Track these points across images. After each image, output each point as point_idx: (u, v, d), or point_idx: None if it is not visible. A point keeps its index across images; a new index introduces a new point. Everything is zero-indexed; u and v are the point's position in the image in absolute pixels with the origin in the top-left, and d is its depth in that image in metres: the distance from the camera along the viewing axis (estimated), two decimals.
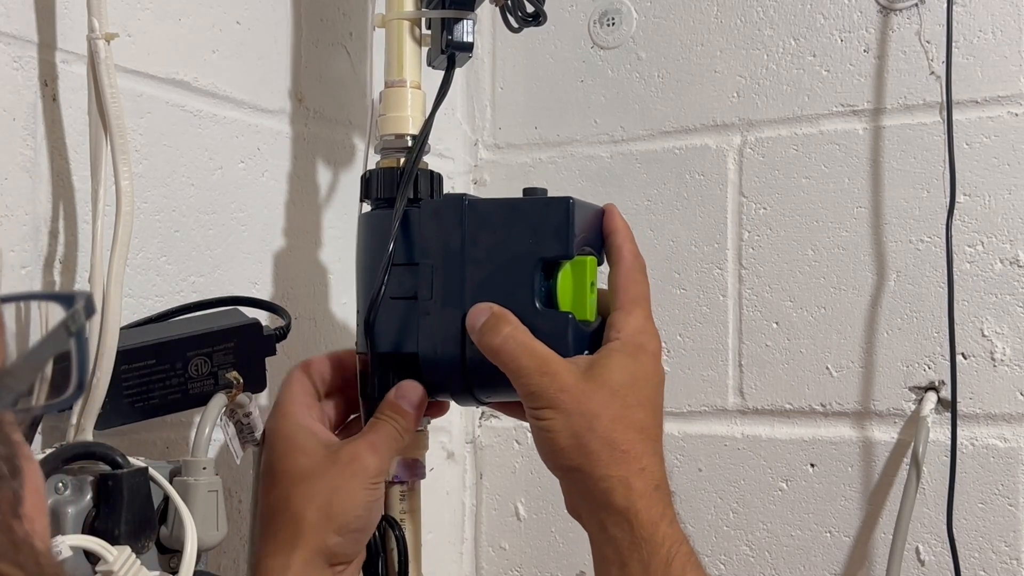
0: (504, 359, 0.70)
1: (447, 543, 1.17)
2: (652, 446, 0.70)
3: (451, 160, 1.18)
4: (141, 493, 0.68)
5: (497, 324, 0.71)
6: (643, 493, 0.68)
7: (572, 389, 0.69)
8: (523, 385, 0.70)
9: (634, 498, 0.68)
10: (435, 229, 0.75)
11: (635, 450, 0.69)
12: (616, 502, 0.68)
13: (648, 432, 0.71)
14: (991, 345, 0.97)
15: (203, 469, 0.72)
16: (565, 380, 0.69)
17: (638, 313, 0.74)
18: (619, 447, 0.69)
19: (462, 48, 0.82)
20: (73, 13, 0.75)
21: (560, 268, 0.73)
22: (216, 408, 0.74)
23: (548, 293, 0.73)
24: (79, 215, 0.76)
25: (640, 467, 0.69)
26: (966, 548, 0.96)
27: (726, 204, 1.08)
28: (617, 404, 0.69)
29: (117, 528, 0.66)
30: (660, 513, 0.68)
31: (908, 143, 1.01)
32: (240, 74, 0.90)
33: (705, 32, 1.10)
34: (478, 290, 0.74)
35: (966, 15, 0.99)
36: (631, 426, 0.69)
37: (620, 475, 0.68)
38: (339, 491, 0.70)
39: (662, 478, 0.70)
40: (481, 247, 0.74)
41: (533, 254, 0.73)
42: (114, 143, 0.71)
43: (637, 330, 0.73)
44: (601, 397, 0.69)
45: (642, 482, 0.68)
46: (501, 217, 0.74)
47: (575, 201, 0.73)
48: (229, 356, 0.76)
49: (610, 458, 0.68)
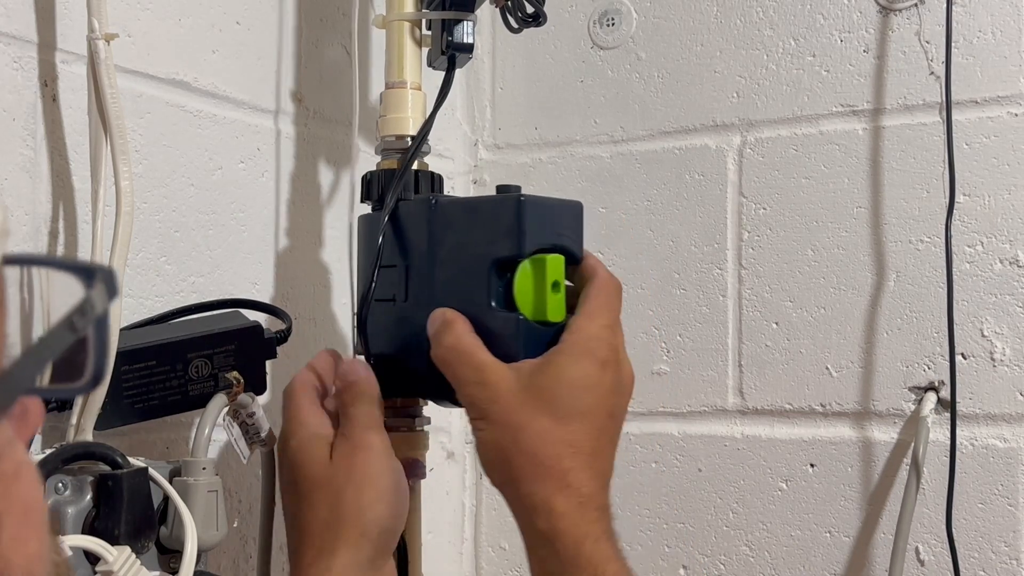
0: (446, 369, 0.69)
1: (447, 543, 1.17)
2: (584, 460, 0.66)
3: (451, 160, 1.18)
4: (141, 493, 0.68)
5: (439, 334, 0.70)
6: (565, 513, 0.65)
7: (502, 400, 0.67)
8: (460, 395, 0.69)
9: (555, 519, 0.65)
10: (409, 231, 0.75)
11: (560, 466, 0.66)
12: (538, 523, 0.65)
13: (580, 446, 0.67)
14: (991, 345, 0.97)
15: (203, 469, 0.72)
16: (497, 391, 0.67)
17: (598, 320, 0.70)
18: (543, 463, 0.65)
19: (462, 49, 0.82)
20: (73, 13, 0.75)
21: (518, 267, 0.70)
22: (216, 408, 0.74)
23: (506, 294, 0.71)
24: (79, 215, 0.76)
25: (564, 484, 0.65)
26: (966, 548, 0.97)
27: (726, 204, 1.08)
28: (547, 415, 0.66)
29: (117, 528, 0.66)
30: (584, 533, 0.65)
31: (908, 143, 1.01)
32: (240, 74, 0.90)
33: (705, 32, 1.10)
34: (443, 292, 0.73)
35: (966, 15, 0.99)
36: (560, 440, 0.66)
37: (542, 494, 0.65)
38: (363, 481, 0.69)
39: (592, 494, 0.66)
40: (445, 248, 0.73)
41: (488, 254, 0.71)
42: (114, 143, 0.71)
43: (589, 336, 0.69)
44: (531, 408, 0.66)
45: (564, 500, 0.65)
46: (462, 217, 0.73)
47: (527, 199, 0.71)
48: (230, 358, 0.76)
49: (533, 474, 0.65)
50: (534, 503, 0.65)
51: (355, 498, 0.69)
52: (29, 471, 0.37)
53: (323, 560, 0.68)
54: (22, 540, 0.35)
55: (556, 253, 0.71)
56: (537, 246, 0.71)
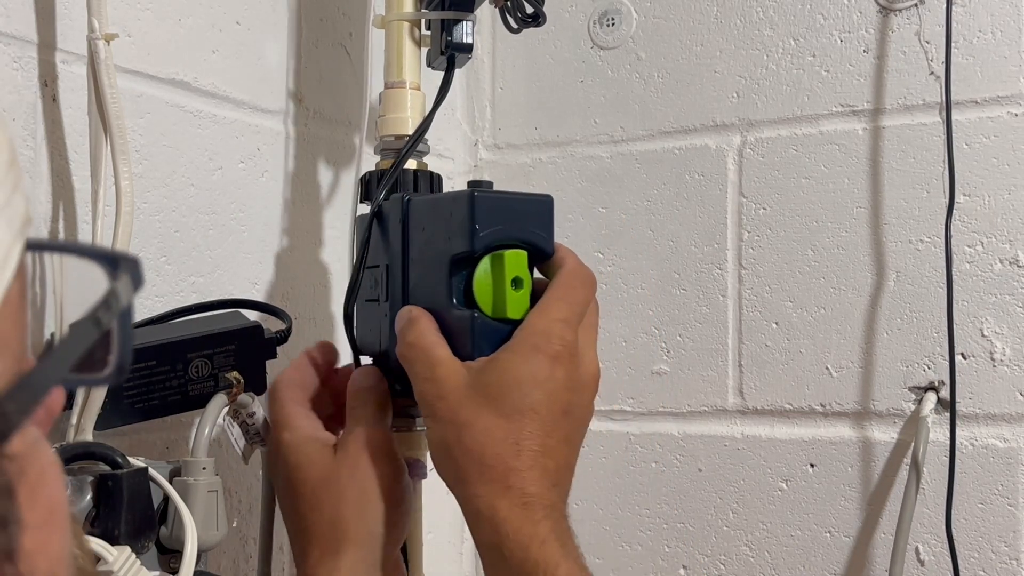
0: (406, 366, 0.68)
1: (447, 543, 1.17)
2: (530, 459, 0.64)
3: (451, 160, 1.18)
4: (141, 493, 0.68)
5: (403, 331, 0.69)
6: (508, 516, 0.62)
7: (449, 397, 0.65)
8: (415, 393, 0.68)
9: (498, 521, 0.62)
10: (387, 231, 0.75)
11: (504, 465, 0.63)
12: (483, 526, 0.63)
13: (525, 445, 0.64)
14: (991, 345, 0.97)
15: (203, 469, 0.72)
16: (445, 387, 0.65)
17: (549, 315, 0.67)
18: (486, 462, 0.63)
19: (461, 49, 0.82)
20: (73, 13, 0.75)
21: (479, 264, 0.69)
22: (216, 408, 0.74)
23: (466, 291, 0.69)
24: (79, 215, 0.76)
25: (506, 486, 0.63)
26: (965, 548, 0.97)
27: (726, 204, 1.08)
28: (492, 413, 0.64)
29: (117, 528, 0.66)
30: (529, 535, 0.62)
31: (908, 143, 1.01)
32: (240, 74, 0.90)
33: (705, 32, 1.10)
34: (414, 291, 0.72)
35: (966, 15, 0.99)
36: (503, 438, 0.64)
37: (486, 495, 0.63)
38: (368, 479, 0.69)
39: (538, 494, 0.63)
40: (416, 246, 0.73)
41: (447, 251, 0.69)
42: (114, 143, 0.71)
43: (539, 330, 0.66)
44: (476, 405, 0.64)
45: (507, 502, 0.63)
46: (427, 215, 0.72)
47: (480, 194, 0.69)
48: (230, 358, 0.76)
49: (478, 475, 0.63)
50: (478, 507, 0.64)
51: (360, 498, 0.68)
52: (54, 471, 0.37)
53: (329, 560, 0.68)
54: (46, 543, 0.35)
55: (519, 249, 0.69)
56: (494, 241, 0.69)
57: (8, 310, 0.33)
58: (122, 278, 0.35)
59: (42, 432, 0.37)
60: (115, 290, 0.34)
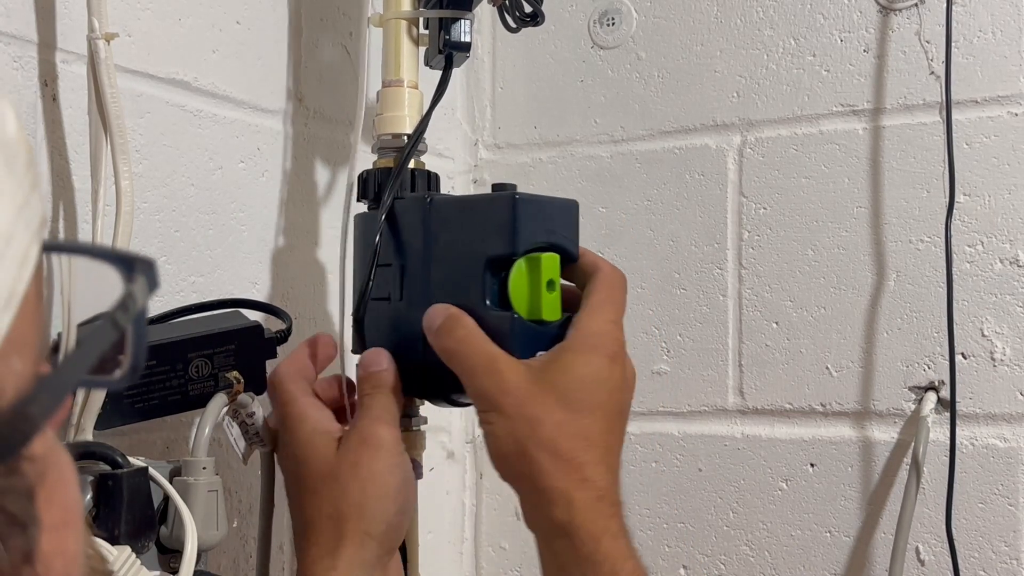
0: (456, 360, 0.69)
1: (447, 543, 1.17)
2: (598, 454, 0.66)
3: (451, 160, 1.18)
4: (141, 493, 0.68)
5: (453, 326, 0.69)
6: (583, 506, 0.64)
7: (516, 392, 0.66)
8: (469, 386, 0.68)
9: (573, 512, 0.64)
10: (404, 230, 0.75)
11: (578, 459, 0.65)
12: (556, 515, 0.64)
13: (594, 440, 0.66)
14: (991, 345, 0.97)
15: (203, 469, 0.72)
16: (510, 382, 0.66)
17: (602, 316, 0.69)
18: (562, 456, 0.65)
19: (460, 48, 0.82)
20: (73, 13, 0.75)
21: (513, 266, 0.70)
22: (216, 408, 0.74)
23: (500, 292, 0.70)
24: (79, 215, 0.76)
25: (582, 477, 0.65)
26: (966, 548, 0.97)
27: (726, 204, 1.08)
28: (562, 409, 0.66)
29: (117, 528, 0.66)
30: (602, 527, 0.64)
31: (908, 143, 1.01)
32: (240, 74, 0.90)
33: (705, 32, 1.10)
34: (438, 290, 0.72)
35: (966, 15, 0.99)
36: (576, 433, 0.66)
37: (561, 486, 0.65)
38: (368, 478, 0.68)
39: (608, 488, 0.66)
40: (441, 247, 0.73)
41: (482, 253, 0.70)
42: (114, 143, 0.71)
43: (595, 331, 0.69)
44: (546, 401, 0.66)
45: (583, 494, 0.64)
46: (457, 216, 0.73)
47: (521, 197, 0.70)
48: (230, 358, 0.76)
49: (552, 467, 0.65)
50: (552, 496, 0.65)
51: (360, 495, 0.68)
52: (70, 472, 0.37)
53: (327, 558, 0.68)
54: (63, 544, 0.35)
55: (551, 252, 0.71)
56: (531, 244, 0.70)
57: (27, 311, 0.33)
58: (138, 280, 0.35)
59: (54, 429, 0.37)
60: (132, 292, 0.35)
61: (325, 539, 0.68)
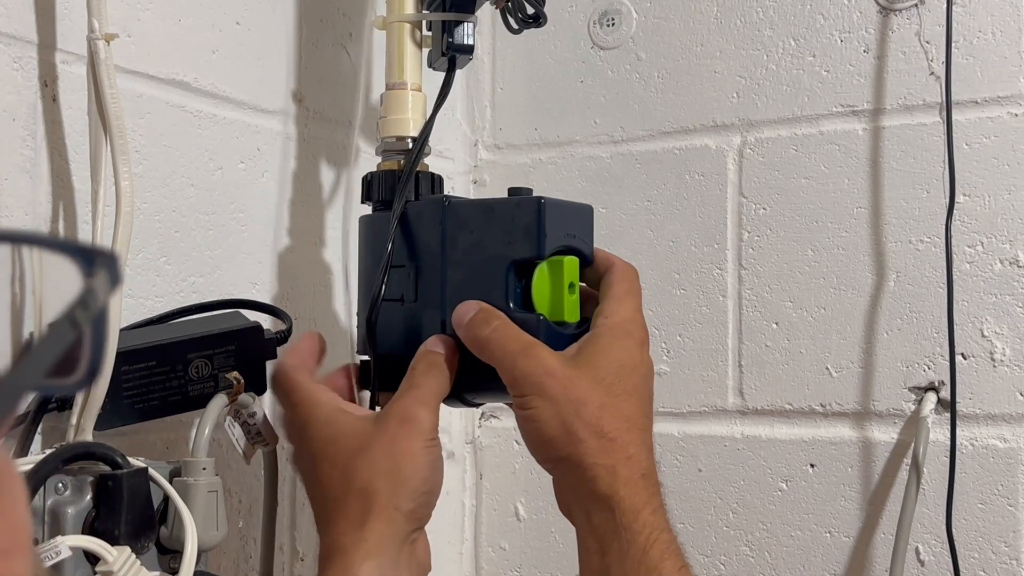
0: (492, 347, 0.69)
1: (447, 543, 1.17)
2: (639, 435, 0.69)
3: (451, 160, 1.18)
4: (141, 493, 0.68)
5: (487, 317, 0.71)
6: (627, 480, 0.67)
7: (558, 374, 0.68)
8: (508, 370, 0.69)
9: (618, 485, 0.67)
10: (418, 232, 0.75)
11: (622, 438, 0.68)
12: (600, 489, 0.67)
13: (635, 421, 0.69)
14: (991, 345, 0.97)
15: (203, 469, 0.72)
16: (551, 364, 0.68)
17: (628, 304, 0.72)
18: (607, 435, 0.67)
19: (462, 50, 0.82)
20: (73, 13, 0.75)
21: (536, 269, 0.72)
22: (216, 408, 0.74)
23: (523, 294, 0.72)
24: (79, 215, 0.76)
25: (627, 455, 0.68)
26: (966, 548, 0.97)
27: (726, 204, 1.08)
28: (603, 391, 0.68)
29: (117, 528, 0.66)
30: (644, 501, 0.67)
31: (908, 143, 1.01)
32: (240, 74, 0.90)
33: (705, 32, 1.10)
34: (456, 292, 0.73)
35: (966, 15, 0.99)
36: (618, 414, 0.68)
37: (606, 463, 0.67)
38: (402, 454, 0.68)
39: (649, 467, 0.69)
40: (459, 249, 0.74)
41: (506, 255, 0.72)
42: (114, 143, 0.71)
43: (625, 318, 0.71)
44: (587, 383, 0.68)
45: (628, 470, 0.67)
46: (477, 218, 0.74)
47: (547, 201, 0.72)
48: (230, 359, 0.76)
49: (598, 446, 0.67)
50: (597, 472, 0.67)
51: (394, 470, 0.68)
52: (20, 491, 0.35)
53: (355, 531, 0.67)
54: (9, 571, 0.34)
55: (571, 255, 0.73)
56: (555, 248, 0.72)
57: None
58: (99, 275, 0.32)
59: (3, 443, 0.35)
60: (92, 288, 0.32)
61: (354, 513, 0.68)
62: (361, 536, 0.67)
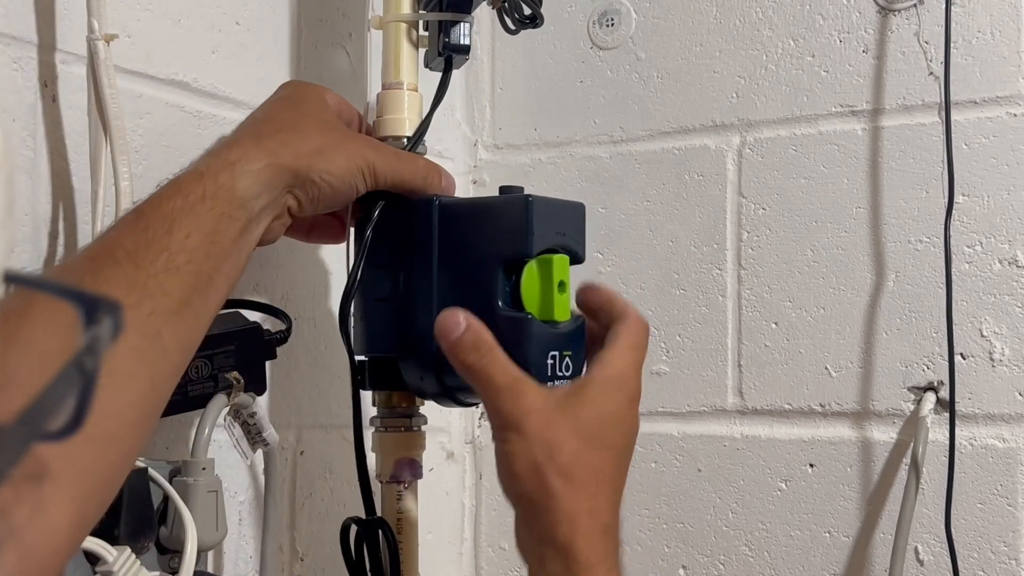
0: (477, 377, 0.68)
1: (447, 543, 1.17)
2: (607, 489, 0.68)
3: (450, 160, 1.18)
4: (141, 493, 0.68)
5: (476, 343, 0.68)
6: (587, 532, 0.65)
7: (539, 414, 0.66)
8: (491, 403, 0.68)
9: (576, 535, 0.65)
10: (408, 231, 0.75)
11: (590, 489, 0.66)
12: (559, 536, 0.65)
13: (606, 475, 0.68)
14: (990, 345, 0.97)
15: (203, 469, 0.72)
16: (533, 403, 0.67)
17: (629, 358, 0.70)
18: (574, 482, 0.66)
19: (459, 50, 0.82)
20: (73, 14, 0.75)
21: (525, 267, 0.71)
22: (216, 409, 0.74)
23: (512, 293, 0.71)
24: (79, 216, 0.76)
25: (591, 508, 0.66)
26: (965, 548, 0.97)
27: (725, 204, 1.08)
28: (580, 439, 0.67)
29: (117, 528, 0.66)
30: (600, 556, 0.65)
31: (907, 143, 1.01)
32: (240, 74, 0.90)
33: (704, 32, 1.10)
34: (446, 291, 0.73)
35: (965, 16, 0.99)
36: (591, 466, 0.67)
37: (569, 511, 0.65)
38: (337, 146, 0.70)
39: (611, 523, 0.67)
40: (449, 248, 0.74)
41: (495, 254, 0.71)
42: (114, 144, 0.71)
43: (621, 371, 0.70)
44: (567, 428, 0.67)
45: (589, 521, 0.66)
46: (467, 217, 0.74)
47: (535, 199, 0.71)
48: (229, 359, 0.76)
49: (564, 492, 0.65)
50: (559, 518, 0.65)
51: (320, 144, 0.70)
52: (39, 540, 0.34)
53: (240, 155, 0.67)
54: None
55: (561, 253, 0.72)
56: (544, 246, 0.72)
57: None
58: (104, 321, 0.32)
59: None
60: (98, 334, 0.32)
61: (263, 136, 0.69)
62: (243, 153, 0.66)
